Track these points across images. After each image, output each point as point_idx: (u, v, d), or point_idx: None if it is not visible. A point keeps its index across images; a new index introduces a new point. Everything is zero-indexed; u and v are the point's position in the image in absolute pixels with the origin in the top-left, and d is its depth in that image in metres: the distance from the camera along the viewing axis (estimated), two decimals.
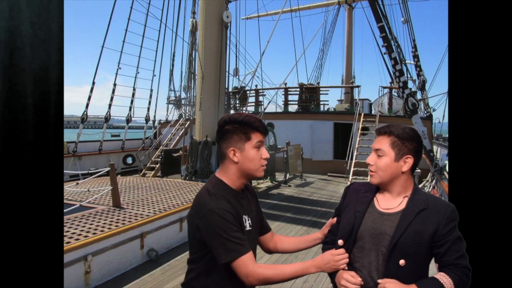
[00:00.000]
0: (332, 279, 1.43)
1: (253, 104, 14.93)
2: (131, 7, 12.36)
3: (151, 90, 14.03)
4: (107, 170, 5.75)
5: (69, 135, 15.74)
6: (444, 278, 1.26)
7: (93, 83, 11.75)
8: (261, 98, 15.03)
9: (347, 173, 10.70)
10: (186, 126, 12.53)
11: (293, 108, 14.65)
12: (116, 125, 21.42)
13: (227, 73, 9.23)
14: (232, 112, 14.20)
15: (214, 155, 8.54)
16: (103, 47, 11.70)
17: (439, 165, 7.03)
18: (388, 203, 1.41)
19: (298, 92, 14.77)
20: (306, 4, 21.21)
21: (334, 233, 1.53)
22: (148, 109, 14.26)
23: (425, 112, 13.99)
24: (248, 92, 14.20)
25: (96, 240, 3.95)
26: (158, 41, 13.74)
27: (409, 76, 12.77)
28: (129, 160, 13.07)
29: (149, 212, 5.11)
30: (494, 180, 1.44)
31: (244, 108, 14.01)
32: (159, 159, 10.49)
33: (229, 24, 8.89)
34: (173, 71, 14.29)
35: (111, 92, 12.45)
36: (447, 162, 6.33)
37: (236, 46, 12.65)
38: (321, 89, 14.81)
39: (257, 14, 15.35)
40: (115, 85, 12.49)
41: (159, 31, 13.63)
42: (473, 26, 1.46)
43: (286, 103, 14.51)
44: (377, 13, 7.36)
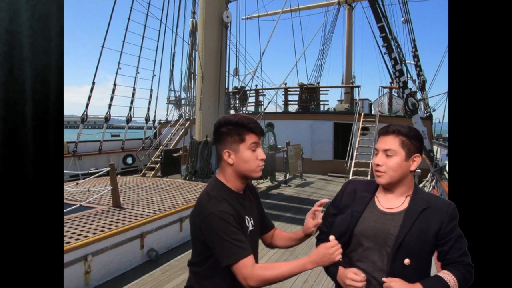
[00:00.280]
0: (332, 277, 1.41)
1: (253, 104, 14.93)
2: (131, 7, 12.36)
3: (151, 90, 14.05)
4: (107, 170, 5.75)
5: (69, 135, 15.74)
6: (448, 276, 1.27)
7: (93, 83, 11.75)
8: (261, 98, 15.03)
9: (347, 173, 10.69)
10: (186, 126, 12.53)
11: (293, 108, 14.65)
12: (116, 125, 21.42)
13: (227, 73, 9.24)
14: (232, 112, 14.22)
15: (214, 155, 8.53)
16: (103, 47, 11.71)
17: (439, 165, 7.03)
18: (390, 202, 1.40)
19: (298, 92, 14.76)
20: (306, 4, 21.25)
21: (325, 231, 1.52)
22: (148, 109, 14.27)
23: (425, 112, 13.99)
24: (248, 92, 14.21)
25: (96, 240, 3.95)
26: (158, 41, 13.75)
27: (409, 76, 12.77)
28: (129, 160, 13.07)
29: (149, 212, 5.11)
30: (494, 180, 1.44)
31: (244, 108, 14.01)
32: (159, 159, 10.49)
33: (229, 24, 8.90)
34: (173, 71, 14.31)
35: (111, 92, 12.45)
36: (447, 162, 6.33)
37: (236, 46, 12.68)
38: (321, 89, 14.80)
39: (257, 14, 15.39)
40: (115, 85, 12.49)
41: (159, 31, 13.64)
42: (473, 26, 1.46)
43: (286, 103, 14.51)
44: (377, 13, 7.36)
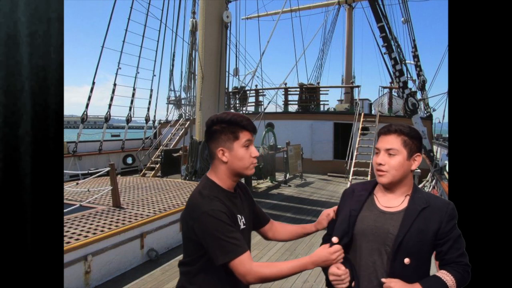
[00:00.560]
0: (326, 274, 1.42)
1: (253, 104, 14.92)
2: (131, 7, 12.36)
3: (151, 90, 14.04)
4: (107, 170, 5.75)
5: (69, 135, 15.74)
6: (446, 276, 1.28)
7: (93, 83, 11.75)
8: (261, 98, 15.03)
9: (347, 173, 10.69)
10: (186, 126, 12.53)
11: (293, 108, 14.65)
12: (116, 125, 21.42)
13: (227, 73, 9.24)
14: (232, 112, 14.13)
15: None
16: (103, 47, 11.71)
17: (439, 165, 7.03)
18: (390, 201, 1.40)
19: (298, 92, 14.76)
20: (306, 4, 21.24)
21: (330, 233, 1.54)
22: (148, 109, 14.27)
23: (425, 112, 13.98)
24: (248, 92, 14.20)
25: (96, 240, 3.95)
26: (158, 41, 13.75)
27: (409, 76, 12.77)
28: (129, 160, 13.07)
29: (149, 212, 5.11)
30: (494, 180, 1.44)
31: (244, 108, 14.01)
32: (159, 159, 10.49)
33: (229, 24, 8.90)
34: (173, 71, 14.31)
35: (111, 92, 12.44)
36: (447, 162, 6.33)
37: (236, 46, 12.67)
38: (321, 89, 14.80)
39: (257, 14, 15.37)
40: (115, 85, 12.49)
41: (159, 31, 13.64)
42: (473, 26, 1.46)
43: (286, 103, 14.51)
44: (377, 13, 7.36)
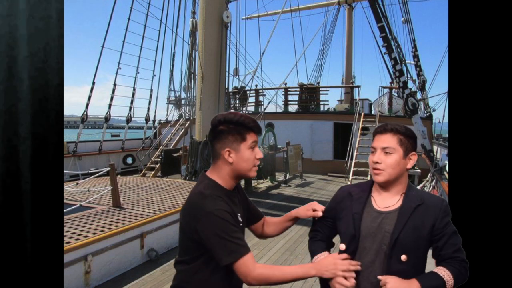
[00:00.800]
0: (322, 285, 1.40)
1: (253, 104, 14.92)
2: (131, 7, 12.36)
3: (151, 90, 14.05)
4: (107, 170, 5.75)
5: (69, 135, 15.73)
6: (443, 271, 1.28)
7: (93, 83, 11.75)
8: (261, 98, 15.02)
9: (347, 173, 10.69)
10: (186, 126, 12.53)
11: (293, 108, 14.65)
12: (116, 125, 21.41)
13: (227, 73, 9.24)
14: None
15: None
16: (103, 47, 11.71)
17: (439, 165, 7.02)
18: (386, 201, 1.41)
19: (298, 92, 14.76)
20: (306, 4, 21.26)
21: (320, 231, 1.56)
22: (148, 109, 14.27)
23: (425, 112, 13.98)
24: (248, 92, 14.20)
25: (96, 240, 3.95)
26: (158, 41, 13.76)
27: (409, 76, 12.77)
28: (129, 160, 13.07)
29: (149, 212, 5.11)
30: (494, 180, 1.44)
31: (244, 108, 14.01)
32: (159, 159, 10.49)
33: (229, 24, 8.90)
34: (173, 71, 14.31)
35: (111, 92, 12.44)
36: (447, 162, 6.32)
37: (236, 46, 12.68)
38: (321, 89, 14.80)
39: (257, 14, 15.39)
40: (115, 85, 12.49)
41: (159, 31, 13.65)
42: (473, 26, 1.46)
43: (286, 103, 14.50)
44: (377, 13, 7.36)
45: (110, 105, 12.39)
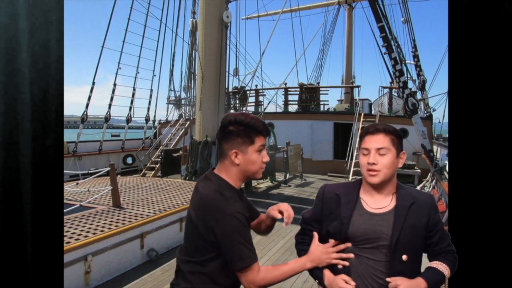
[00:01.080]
0: (319, 281, 1.42)
1: (253, 104, 14.92)
2: (131, 7, 12.37)
3: (151, 90, 14.05)
4: (107, 170, 5.75)
5: (69, 135, 15.73)
6: (441, 266, 1.37)
7: (93, 83, 11.75)
8: (261, 98, 15.03)
9: (347, 173, 10.70)
10: (186, 126, 12.53)
11: (293, 108, 14.65)
12: (116, 125, 21.40)
13: (227, 73, 9.24)
14: (232, 112, 14.14)
15: (214, 155, 8.54)
16: (103, 47, 11.71)
17: (439, 165, 7.02)
18: (378, 203, 1.40)
19: (298, 92, 14.76)
20: (306, 4, 21.26)
21: (308, 235, 1.52)
22: (148, 109, 14.27)
23: (425, 112, 13.99)
24: (248, 92, 14.20)
25: (96, 240, 3.95)
26: (158, 41, 13.76)
27: (409, 76, 12.78)
28: (129, 160, 13.07)
29: (149, 212, 5.11)
30: (494, 180, 1.44)
31: (244, 108, 14.01)
32: (159, 159, 10.49)
33: (229, 24, 8.90)
34: (173, 71, 14.32)
35: (111, 92, 12.44)
36: (447, 162, 6.33)
37: (236, 46, 12.67)
38: (321, 89, 14.80)
39: (257, 14, 15.39)
40: (115, 85, 12.49)
41: (159, 31, 13.65)
42: (473, 26, 1.46)
43: (286, 103, 14.51)
44: (377, 13, 7.36)
45: (110, 105, 12.40)
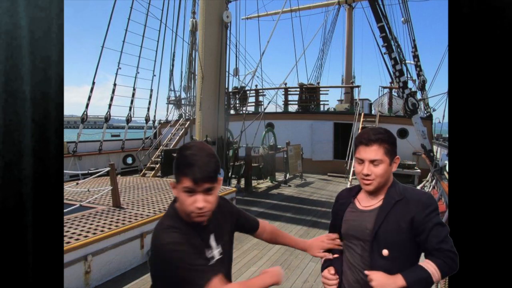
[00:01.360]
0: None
1: (253, 104, 14.93)
2: (131, 7, 12.35)
3: (151, 90, 14.03)
4: (107, 170, 5.74)
5: (69, 135, 15.73)
6: (428, 264, 1.30)
7: (93, 83, 11.74)
8: (261, 98, 15.04)
9: (347, 173, 10.70)
10: (186, 126, 12.53)
11: (293, 108, 14.66)
12: (116, 125, 21.40)
13: (227, 73, 9.23)
14: (232, 112, 14.19)
15: None
16: (103, 47, 11.69)
17: (439, 165, 7.02)
18: (369, 201, 1.48)
19: (298, 92, 14.77)
20: (306, 4, 21.23)
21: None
22: (148, 109, 14.26)
23: (425, 112, 13.98)
24: (248, 92, 14.20)
25: (96, 240, 3.95)
26: (158, 41, 13.73)
27: (409, 76, 12.77)
28: (129, 160, 13.06)
29: (149, 212, 5.11)
30: (494, 180, 1.44)
31: (244, 108, 14.00)
32: (159, 159, 10.48)
33: (229, 24, 8.89)
34: (173, 71, 14.28)
35: (111, 92, 12.43)
36: (447, 162, 6.33)
37: (236, 46, 12.62)
38: (321, 89, 14.81)
39: (257, 14, 15.33)
40: (115, 85, 12.48)
41: (159, 31, 13.62)
42: (473, 27, 1.46)
43: (286, 103, 14.51)
44: (377, 13, 7.36)
45: (110, 105, 12.38)
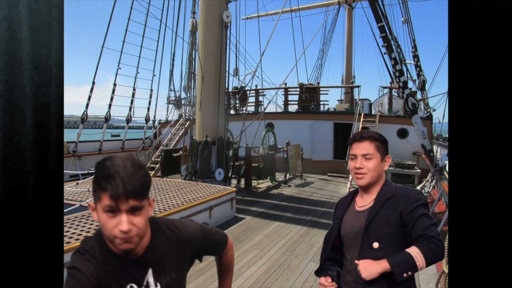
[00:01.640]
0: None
1: (253, 104, 14.94)
2: (131, 7, 12.36)
3: (151, 90, 14.05)
4: None
5: (69, 135, 15.74)
6: (412, 249, 1.35)
7: (93, 83, 11.76)
8: (261, 98, 15.04)
9: (347, 173, 10.69)
10: (186, 126, 12.54)
11: (293, 108, 14.66)
12: (116, 125, 21.43)
13: (227, 73, 9.23)
14: (232, 112, 14.21)
15: (214, 155, 8.55)
16: (103, 47, 11.70)
17: (439, 165, 7.03)
18: (364, 201, 1.56)
19: (298, 92, 14.77)
20: (306, 4, 21.23)
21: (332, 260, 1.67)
22: (148, 109, 14.28)
23: (425, 112, 13.98)
24: (248, 92, 14.21)
25: None
26: (158, 41, 13.76)
27: (409, 76, 12.76)
28: None
29: None
30: (494, 180, 1.44)
31: (244, 108, 14.01)
32: (159, 159, 10.50)
33: (229, 24, 8.89)
34: (173, 71, 14.30)
35: (111, 92, 12.45)
36: (447, 162, 6.33)
37: (236, 46, 12.62)
38: (321, 89, 14.81)
39: (257, 14, 15.34)
40: (115, 85, 12.49)
41: (159, 31, 13.65)
42: (473, 26, 1.46)
43: (286, 103, 14.51)
44: (377, 13, 7.36)
45: (110, 105, 12.40)
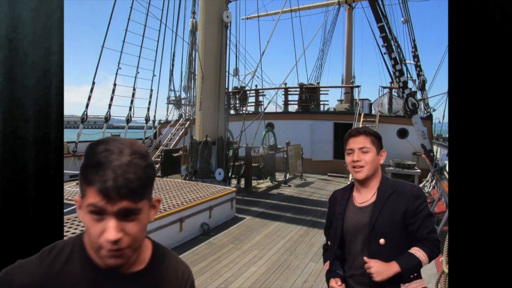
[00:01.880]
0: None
1: (253, 104, 14.94)
2: (131, 7, 12.38)
3: (151, 90, 14.09)
4: None
5: (69, 135, 15.76)
6: (418, 252, 1.46)
7: (93, 83, 11.77)
8: (261, 98, 15.04)
9: (347, 173, 10.70)
10: (186, 126, 12.55)
11: (293, 108, 14.67)
12: (116, 125, 21.44)
13: (227, 73, 9.23)
14: (232, 112, 14.22)
15: (214, 155, 8.55)
16: (103, 47, 11.72)
17: (439, 165, 7.03)
18: (363, 197, 1.60)
19: (298, 92, 14.77)
20: (306, 4, 21.23)
21: (329, 239, 1.73)
22: (148, 109, 14.30)
23: (425, 112, 13.99)
24: (248, 92, 14.21)
25: None
26: (158, 41, 13.79)
27: (409, 76, 12.77)
28: None
29: None
30: (494, 180, 1.44)
31: (244, 108, 14.02)
32: (159, 159, 10.50)
33: (229, 24, 8.89)
34: (173, 71, 14.34)
35: (111, 92, 12.47)
36: (447, 162, 6.33)
37: (236, 46, 12.63)
38: (321, 89, 14.81)
39: (257, 14, 15.35)
40: (115, 85, 12.51)
41: (159, 31, 13.68)
42: (473, 26, 1.46)
43: (286, 103, 14.51)
44: (377, 13, 7.36)
45: (110, 105, 12.42)
